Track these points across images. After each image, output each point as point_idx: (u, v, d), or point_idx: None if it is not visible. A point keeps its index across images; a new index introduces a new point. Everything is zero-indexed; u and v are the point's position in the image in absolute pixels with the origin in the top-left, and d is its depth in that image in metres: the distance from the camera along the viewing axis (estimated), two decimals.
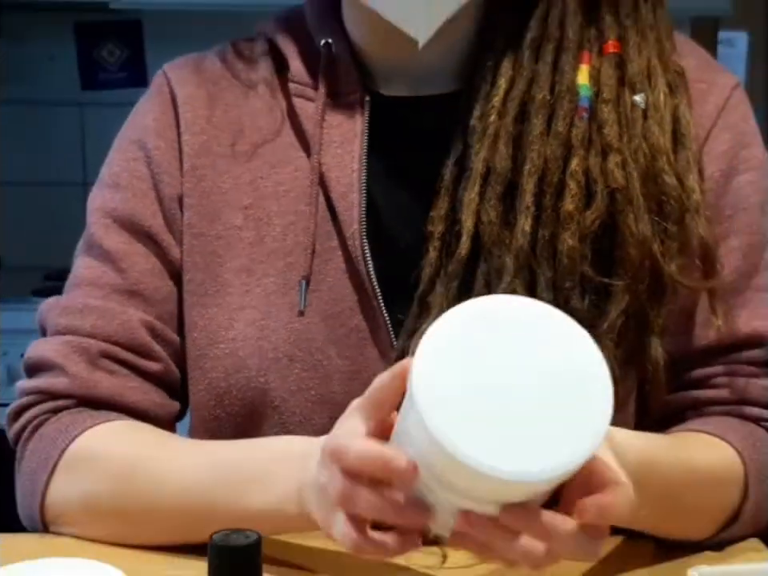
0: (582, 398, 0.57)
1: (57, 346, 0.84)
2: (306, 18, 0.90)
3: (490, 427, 0.55)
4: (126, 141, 0.90)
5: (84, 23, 2.55)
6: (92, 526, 0.80)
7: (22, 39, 2.56)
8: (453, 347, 0.57)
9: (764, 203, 0.85)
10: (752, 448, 0.79)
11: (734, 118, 0.86)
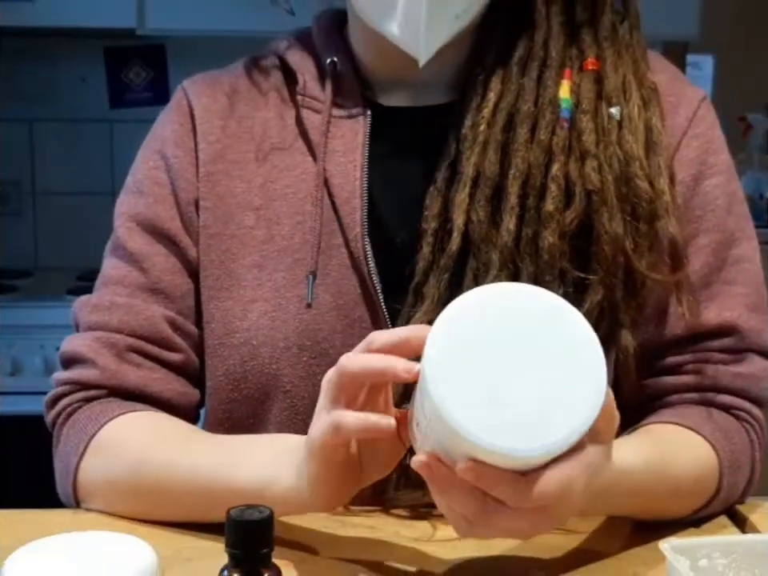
0: (578, 381, 0.57)
1: (88, 341, 0.84)
2: (313, 37, 0.90)
3: (491, 407, 0.55)
4: (149, 151, 0.90)
5: (112, 48, 2.55)
6: (115, 504, 0.80)
7: (57, 63, 2.57)
8: (461, 333, 0.58)
9: (730, 204, 0.85)
10: (724, 440, 0.79)
11: (702, 127, 0.86)
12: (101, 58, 2.57)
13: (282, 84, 0.90)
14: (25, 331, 2.16)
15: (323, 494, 0.68)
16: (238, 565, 0.55)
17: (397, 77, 0.86)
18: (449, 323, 0.58)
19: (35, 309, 2.19)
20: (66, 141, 2.61)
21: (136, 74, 2.58)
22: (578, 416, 0.57)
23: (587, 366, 0.58)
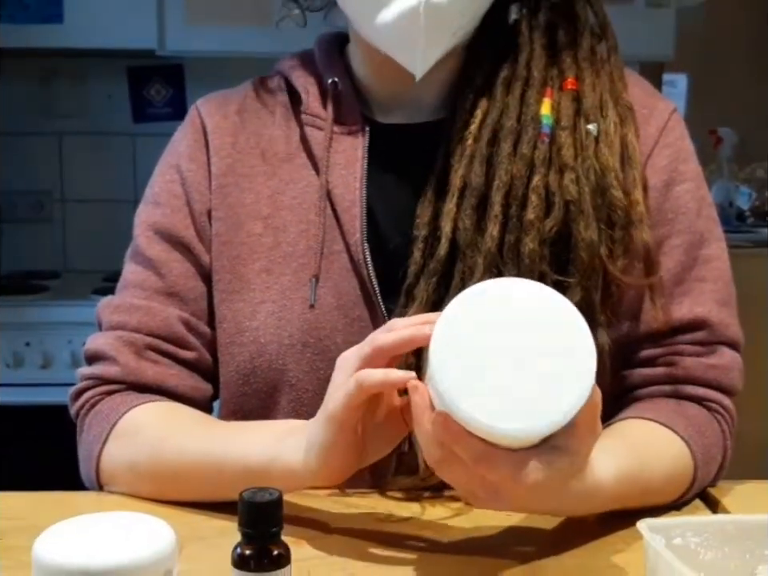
0: (569, 366, 0.59)
1: (110, 339, 0.84)
2: (315, 58, 0.90)
3: (490, 392, 0.57)
4: (165, 165, 0.91)
5: (135, 67, 2.56)
6: (136, 486, 0.80)
7: (84, 81, 2.57)
8: (465, 322, 0.59)
9: (699, 208, 0.85)
10: (697, 435, 0.78)
11: (672, 137, 0.86)
12: (124, 77, 2.57)
13: (287, 103, 0.90)
14: (54, 327, 2.16)
15: (330, 465, 0.68)
16: (250, 542, 0.55)
17: (393, 96, 0.87)
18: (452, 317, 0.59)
19: (64, 307, 2.19)
20: (93, 153, 2.61)
21: (157, 91, 2.58)
22: (562, 405, 0.58)
23: (576, 358, 0.59)
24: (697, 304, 0.82)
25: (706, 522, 0.63)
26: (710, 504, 0.81)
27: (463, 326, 0.59)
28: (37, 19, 2.26)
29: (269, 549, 0.55)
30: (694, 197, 0.85)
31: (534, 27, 0.84)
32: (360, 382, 0.64)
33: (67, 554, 0.55)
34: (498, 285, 0.62)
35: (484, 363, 0.58)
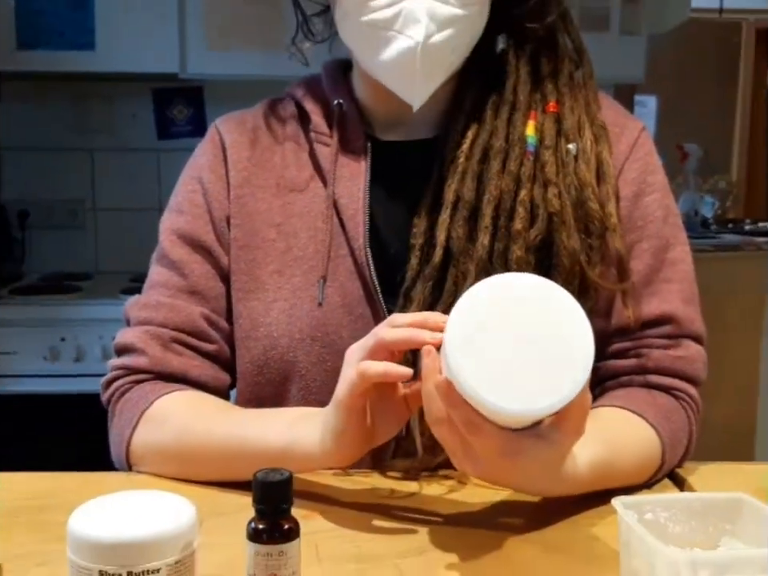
0: (567, 359, 0.59)
1: (138, 333, 0.84)
2: (322, 82, 0.90)
3: (494, 373, 0.58)
4: (187, 177, 0.90)
5: (159, 89, 2.55)
6: (162, 467, 0.80)
7: (113, 101, 2.57)
8: (479, 309, 0.60)
9: (666, 216, 0.85)
10: (665, 422, 0.78)
11: (642, 152, 0.86)
12: (149, 98, 2.57)
13: (297, 122, 0.90)
14: (87, 324, 2.16)
15: (343, 448, 0.69)
16: (263, 518, 0.55)
17: (392, 117, 0.87)
18: (468, 306, 0.60)
19: (95, 306, 2.19)
20: (121, 166, 2.61)
21: (179, 111, 2.58)
22: (560, 393, 0.59)
23: (574, 350, 0.60)
24: (664, 302, 0.82)
25: (674, 499, 0.63)
26: (677, 483, 0.81)
27: (476, 314, 0.60)
28: (71, 46, 2.25)
29: (280, 523, 0.55)
30: (660, 206, 0.85)
31: (519, 56, 0.84)
32: (362, 372, 0.65)
33: (98, 528, 0.55)
34: (508, 279, 0.62)
35: (492, 347, 0.59)
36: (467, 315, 0.60)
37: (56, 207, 2.60)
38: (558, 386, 0.59)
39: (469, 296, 0.61)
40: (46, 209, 2.58)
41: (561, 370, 0.59)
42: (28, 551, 0.65)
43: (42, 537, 0.67)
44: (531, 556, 0.65)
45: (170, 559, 0.55)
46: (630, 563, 0.59)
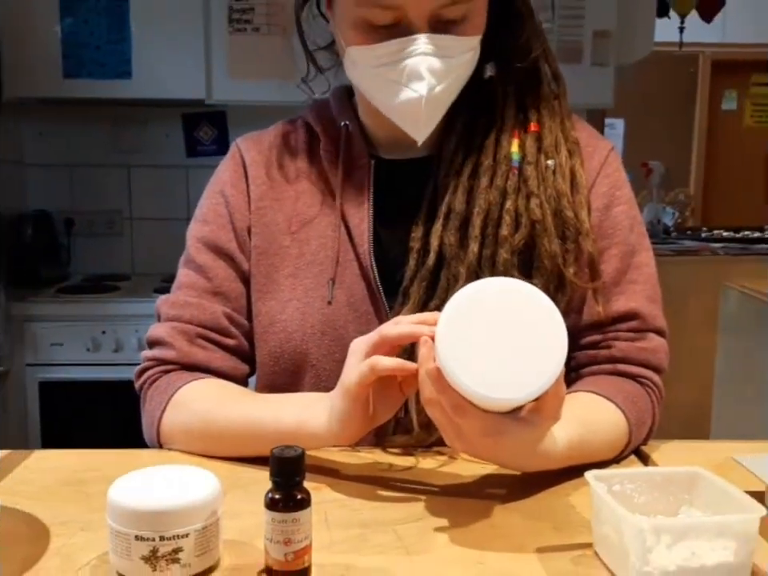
0: (543, 354, 0.60)
1: (167, 329, 0.84)
2: (330, 105, 0.90)
3: (478, 364, 0.59)
4: (211, 191, 0.90)
5: (187, 113, 2.55)
6: (188, 445, 0.80)
7: (147, 124, 2.57)
8: (467, 310, 0.60)
9: (632, 225, 0.85)
10: (632, 405, 0.78)
11: (611, 169, 0.86)
12: (179, 121, 2.57)
13: (308, 141, 0.89)
14: (124, 319, 2.16)
15: (347, 429, 0.69)
16: (278, 489, 0.55)
17: (391, 138, 0.86)
18: (457, 305, 0.60)
19: (131, 303, 2.19)
20: (154, 181, 2.61)
21: (205, 132, 2.58)
22: (537, 383, 0.59)
23: (550, 345, 0.60)
24: (630, 300, 0.82)
25: (639, 473, 0.63)
26: (642, 459, 0.80)
27: (465, 312, 0.60)
28: (111, 75, 2.25)
29: (293, 494, 0.55)
30: (627, 216, 0.85)
31: (505, 82, 0.84)
32: (372, 366, 0.65)
33: (134, 498, 0.55)
34: (494, 282, 0.62)
35: (477, 341, 0.59)
36: (456, 313, 0.60)
37: (97, 217, 2.60)
38: (535, 377, 0.59)
39: (458, 296, 0.61)
40: (88, 218, 2.58)
41: (538, 363, 0.59)
42: (72, 518, 0.65)
43: (85, 506, 0.67)
44: (513, 522, 0.65)
45: (198, 525, 0.55)
46: (601, 529, 0.59)
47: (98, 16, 2.24)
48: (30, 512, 0.66)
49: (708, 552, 0.54)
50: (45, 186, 2.57)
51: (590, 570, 0.58)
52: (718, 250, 3.03)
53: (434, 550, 0.60)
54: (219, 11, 2.25)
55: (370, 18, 0.74)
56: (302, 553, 0.55)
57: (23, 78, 2.23)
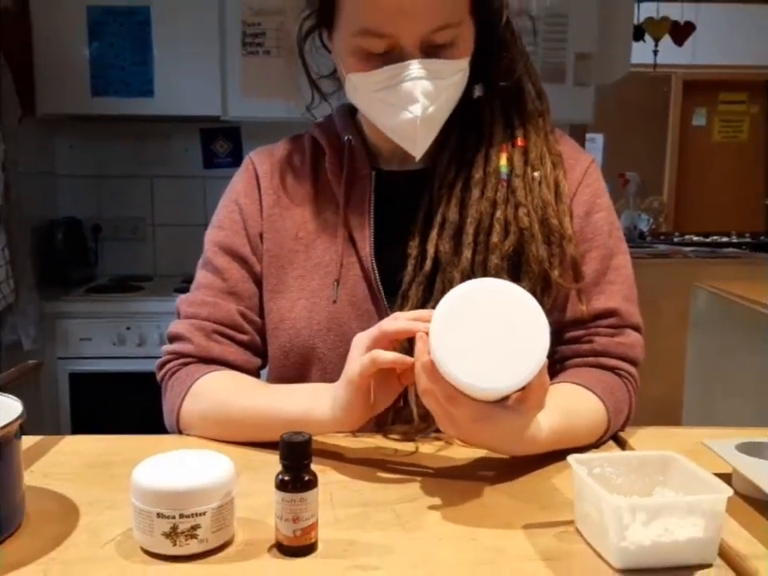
0: (527, 347, 0.60)
1: (186, 325, 0.84)
2: (335, 121, 0.90)
3: (468, 357, 0.59)
4: (227, 200, 0.90)
5: (205, 128, 2.56)
6: (205, 431, 0.80)
7: (168, 138, 2.58)
8: (456, 311, 0.60)
9: (611, 231, 0.85)
10: (610, 394, 0.78)
11: (591, 179, 0.86)
12: (197, 135, 2.57)
13: (315, 155, 0.89)
14: (147, 317, 2.16)
15: (350, 416, 0.69)
16: (288, 471, 0.55)
17: (390, 151, 0.86)
18: (450, 303, 0.60)
19: (154, 301, 2.19)
20: (174, 190, 2.61)
21: (220, 146, 2.58)
22: (521, 376, 0.59)
23: (534, 340, 0.60)
24: (609, 299, 0.82)
25: (617, 457, 0.63)
26: (620, 444, 0.80)
27: (457, 310, 0.60)
28: (135, 94, 2.26)
29: (302, 476, 0.55)
30: (606, 222, 0.85)
31: (492, 101, 0.83)
32: (374, 359, 0.65)
33: (156, 479, 0.55)
34: (485, 283, 0.62)
35: (467, 337, 0.59)
36: (449, 311, 0.60)
37: (122, 223, 2.60)
38: (519, 369, 0.59)
39: (451, 295, 0.61)
40: (114, 224, 2.59)
41: (522, 357, 0.59)
42: (99, 498, 0.65)
43: (111, 486, 0.67)
44: (501, 502, 0.65)
45: (214, 504, 0.55)
46: (582, 508, 0.59)
47: (123, 40, 2.24)
48: (61, 492, 0.66)
49: (679, 529, 0.54)
50: (74, 195, 2.57)
51: (572, 546, 0.58)
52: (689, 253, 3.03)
53: (430, 527, 0.60)
54: (233, 35, 2.26)
55: (366, 47, 0.74)
56: (309, 529, 0.55)
57: (55, 97, 2.24)
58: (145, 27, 2.24)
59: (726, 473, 0.66)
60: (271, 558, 0.55)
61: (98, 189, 2.58)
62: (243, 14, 2.25)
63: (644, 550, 0.53)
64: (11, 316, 2.01)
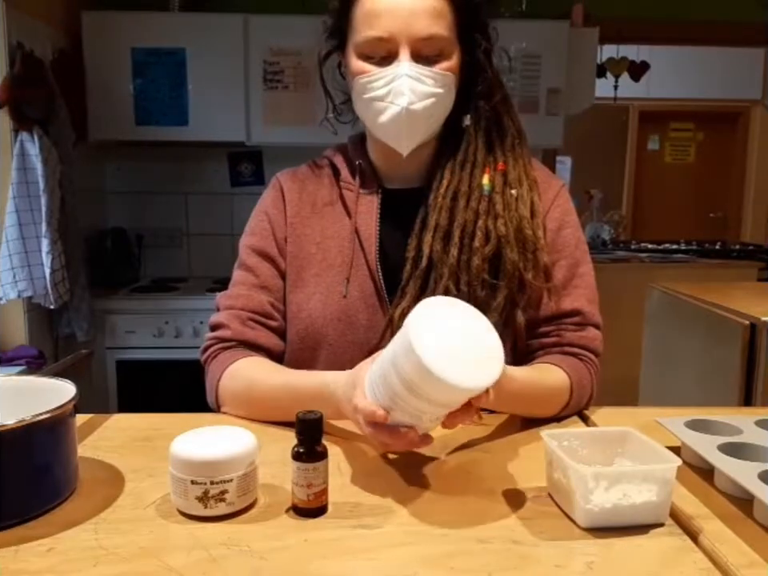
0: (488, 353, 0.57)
1: (224, 315, 0.84)
2: (348, 148, 0.90)
3: (451, 362, 0.54)
4: (258, 211, 0.90)
5: (232, 152, 2.55)
6: (237, 409, 0.80)
7: (200, 161, 2.57)
8: (428, 317, 0.56)
9: (577, 243, 0.85)
10: (574, 371, 0.78)
11: (562, 200, 0.86)
12: (225, 158, 2.56)
13: (331, 175, 0.89)
14: (183, 313, 2.16)
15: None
16: (302, 444, 0.55)
17: (393, 172, 0.86)
18: (418, 316, 0.56)
19: (189, 300, 2.18)
20: (205, 205, 2.60)
21: (245, 167, 2.57)
22: (489, 375, 0.55)
23: (493, 350, 0.57)
24: (575, 301, 0.82)
25: (582, 432, 0.63)
26: (584, 420, 0.80)
27: (426, 319, 0.56)
28: (172, 123, 2.25)
29: (314, 448, 0.55)
30: (574, 236, 0.85)
31: (477, 130, 0.84)
32: (362, 428, 0.61)
33: (191, 451, 0.55)
34: (444, 300, 0.59)
35: (439, 344, 0.54)
36: (422, 320, 0.56)
37: (161, 233, 2.59)
38: (484, 374, 0.55)
39: (423, 305, 0.57)
40: (154, 234, 2.58)
41: (485, 364, 0.56)
42: (142, 467, 0.65)
43: (152, 457, 0.67)
44: (485, 471, 0.65)
45: (239, 472, 0.55)
46: (552, 475, 0.59)
47: (162, 77, 2.24)
48: (109, 462, 0.66)
49: (636, 493, 0.54)
50: (121, 208, 2.57)
51: (545, 508, 0.58)
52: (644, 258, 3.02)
53: (425, 491, 0.60)
54: (256, 73, 2.26)
55: (369, 52, 0.77)
56: (320, 494, 0.56)
57: (104, 125, 2.24)
58: (181, 66, 2.24)
59: (676, 446, 0.66)
60: (288, 519, 0.55)
61: (141, 203, 2.58)
62: (265, 55, 2.25)
63: (606, 511, 0.53)
64: (67, 312, 2.01)
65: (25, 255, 1.79)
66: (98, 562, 0.49)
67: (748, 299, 1.77)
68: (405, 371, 0.55)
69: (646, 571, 0.48)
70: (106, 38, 2.20)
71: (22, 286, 1.79)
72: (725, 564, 0.49)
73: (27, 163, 1.79)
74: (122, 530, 0.53)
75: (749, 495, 0.55)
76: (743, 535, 0.53)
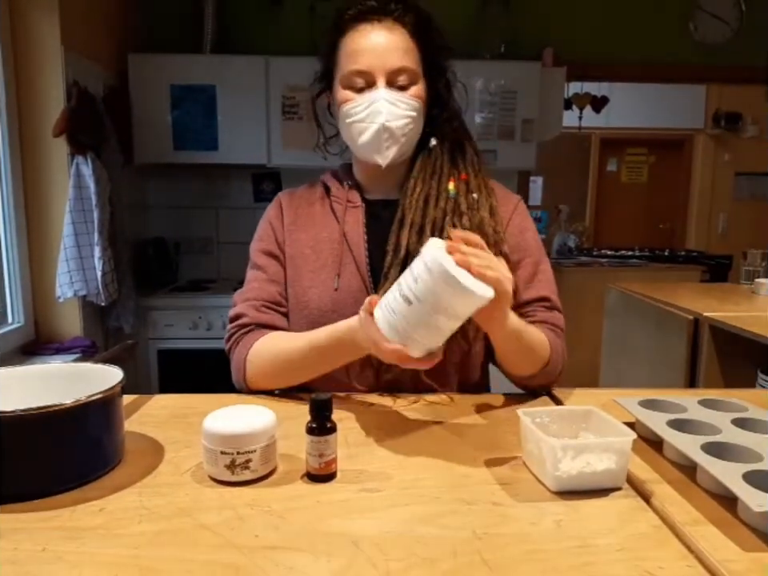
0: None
1: (241, 306, 0.84)
2: (338, 171, 0.92)
3: (465, 277, 0.57)
4: (263, 222, 0.91)
5: (255, 173, 2.55)
6: (263, 381, 0.80)
7: (228, 180, 2.57)
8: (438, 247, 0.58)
9: (538, 246, 0.86)
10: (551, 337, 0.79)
11: (520, 210, 0.87)
12: (249, 178, 2.56)
13: (323, 193, 0.90)
14: (214, 309, 2.16)
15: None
16: (315, 420, 0.55)
17: (374, 186, 0.88)
18: (433, 245, 0.59)
19: (218, 298, 2.19)
20: (233, 218, 2.61)
21: (266, 185, 2.57)
22: (490, 289, 0.58)
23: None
24: (541, 290, 0.84)
25: (552, 410, 0.63)
26: (555, 401, 0.80)
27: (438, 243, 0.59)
28: (204, 148, 2.26)
29: (325, 424, 0.55)
30: (533, 239, 0.86)
31: (443, 149, 0.85)
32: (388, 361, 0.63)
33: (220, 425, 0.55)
34: (440, 242, 0.61)
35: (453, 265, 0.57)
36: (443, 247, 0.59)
37: (196, 241, 2.59)
38: (487, 288, 0.58)
39: (431, 242, 0.60)
40: (190, 242, 2.58)
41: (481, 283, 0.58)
42: (179, 439, 0.65)
43: (187, 431, 0.67)
44: (469, 442, 0.65)
45: (262, 444, 0.55)
46: (527, 447, 0.59)
47: (196, 109, 2.24)
48: (151, 435, 0.66)
49: (598, 462, 0.54)
50: (161, 221, 2.57)
51: (520, 474, 0.58)
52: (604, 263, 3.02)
53: (419, 460, 0.60)
54: (276, 105, 2.26)
55: (351, 84, 0.79)
56: (330, 462, 0.56)
57: (147, 150, 2.24)
58: (212, 100, 2.24)
59: (631, 422, 0.66)
60: (303, 484, 0.55)
61: (178, 216, 2.58)
62: (283, 90, 2.26)
63: (572, 477, 0.53)
64: (115, 308, 2.01)
65: (80, 260, 1.80)
66: (141, 520, 0.49)
67: (692, 297, 1.77)
68: (427, 288, 0.56)
69: (607, 528, 0.49)
70: (149, 76, 2.21)
71: (78, 286, 1.79)
72: (672, 521, 0.49)
73: (82, 182, 1.80)
74: (161, 492, 0.53)
75: (693, 463, 0.55)
76: (688, 497, 0.53)
